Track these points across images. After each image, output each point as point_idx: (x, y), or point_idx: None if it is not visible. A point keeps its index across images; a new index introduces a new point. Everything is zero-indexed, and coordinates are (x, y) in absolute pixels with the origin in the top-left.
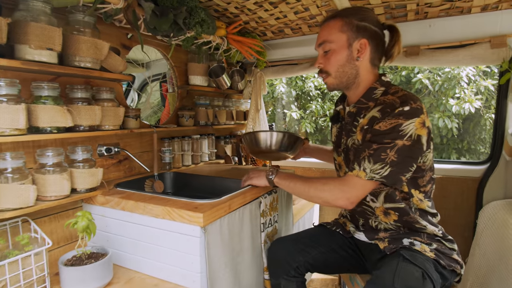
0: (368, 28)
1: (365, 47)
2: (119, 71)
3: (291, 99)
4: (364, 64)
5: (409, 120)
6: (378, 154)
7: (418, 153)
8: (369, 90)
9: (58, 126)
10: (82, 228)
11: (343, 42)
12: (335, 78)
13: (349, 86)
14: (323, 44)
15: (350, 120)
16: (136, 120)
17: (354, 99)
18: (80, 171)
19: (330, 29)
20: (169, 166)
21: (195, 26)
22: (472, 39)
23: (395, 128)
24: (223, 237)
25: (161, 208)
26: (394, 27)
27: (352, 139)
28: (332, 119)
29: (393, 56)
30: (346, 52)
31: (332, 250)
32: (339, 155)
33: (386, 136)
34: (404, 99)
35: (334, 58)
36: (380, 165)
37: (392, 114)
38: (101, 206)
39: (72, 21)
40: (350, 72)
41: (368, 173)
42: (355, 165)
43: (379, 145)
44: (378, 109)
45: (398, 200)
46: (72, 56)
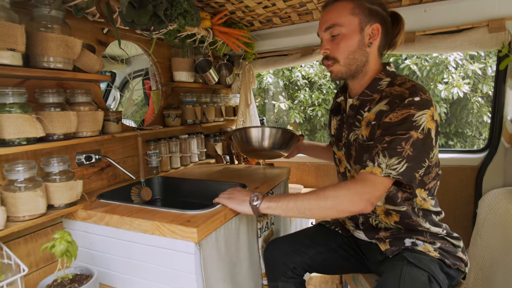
0: (379, 12)
1: (378, 32)
2: (95, 71)
3: (279, 89)
4: (373, 52)
5: (420, 111)
6: (394, 147)
7: (429, 148)
8: (374, 81)
9: (27, 137)
10: (60, 252)
11: (355, 25)
12: (344, 66)
13: (355, 75)
14: (331, 28)
15: (352, 113)
16: (117, 123)
17: (358, 90)
18: (57, 185)
19: (339, 11)
20: (157, 170)
21: (177, 18)
22: (470, 23)
23: (407, 119)
24: (219, 250)
25: (149, 223)
26: (397, 14)
27: (354, 134)
28: (333, 111)
29: (396, 45)
30: (358, 37)
31: (331, 249)
32: (340, 150)
33: (399, 127)
34: (414, 90)
35: (345, 44)
36: (397, 160)
37: (402, 105)
38: (83, 221)
39: (38, 17)
40: (360, 60)
41: (384, 169)
42: (367, 162)
43: (392, 136)
44: (385, 102)
45: (399, 203)
46: (40, 56)
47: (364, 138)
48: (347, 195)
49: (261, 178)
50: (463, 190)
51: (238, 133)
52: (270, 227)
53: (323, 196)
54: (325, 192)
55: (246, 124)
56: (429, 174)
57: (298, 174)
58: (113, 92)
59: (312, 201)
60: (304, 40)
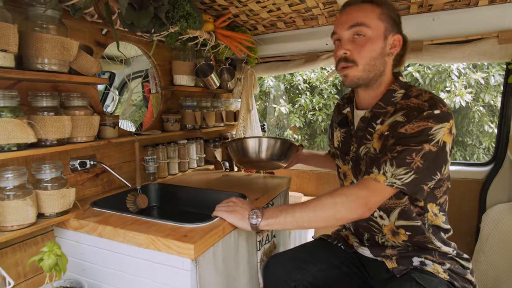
0: (400, 24)
1: (399, 44)
2: (92, 74)
3: (280, 93)
4: (390, 62)
5: (439, 124)
6: (403, 157)
7: (442, 161)
8: (388, 93)
9: (18, 142)
10: (48, 267)
11: (381, 31)
12: (363, 71)
13: (370, 84)
14: (357, 27)
15: (363, 125)
16: (114, 128)
17: (369, 101)
18: (48, 193)
19: (366, 13)
20: (154, 177)
21: (179, 20)
22: (479, 34)
23: (423, 132)
24: (217, 266)
25: (144, 237)
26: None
27: (365, 147)
28: (340, 123)
29: (402, 64)
30: (381, 43)
31: (334, 266)
32: (345, 164)
33: (413, 139)
34: (433, 102)
35: (370, 47)
36: (404, 170)
37: (420, 117)
38: (75, 231)
39: (33, 16)
40: (378, 68)
41: (389, 178)
42: (373, 169)
43: (404, 147)
44: (402, 113)
45: (414, 217)
46: (34, 58)
47: (377, 151)
48: (345, 202)
49: (261, 187)
50: (467, 204)
51: (234, 144)
52: (272, 240)
53: (321, 205)
54: (322, 200)
55: (247, 129)
56: (440, 188)
57: (298, 182)
58: (111, 93)
59: (309, 212)
60: (308, 46)
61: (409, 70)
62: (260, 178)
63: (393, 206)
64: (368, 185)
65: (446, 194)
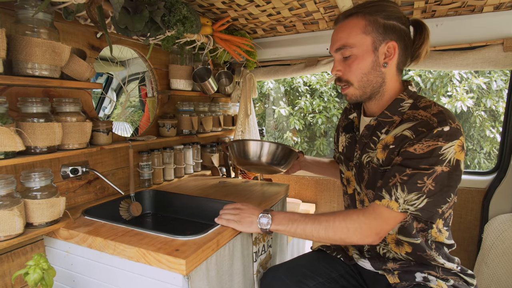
0: (396, 27)
1: (394, 51)
2: (85, 78)
3: (280, 95)
4: (390, 70)
5: (449, 142)
6: (414, 182)
7: (456, 181)
8: (395, 102)
9: (5, 150)
10: (34, 281)
11: (367, 46)
12: (358, 89)
13: (372, 97)
14: (342, 49)
15: (367, 133)
16: (107, 134)
17: (376, 110)
18: (37, 202)
19: (350, 30)
20: (149, 183)
21: (175, 24)
22: (483, 40)
23: (433, 152)
24: (210, 281)
25: (134, 250)
26: (421, 23)
27: (368, 156)
28: (345, 128)
29: (420, 57)
30: (371, 57)
31: (332, 279)
32: (349, 170)
33: (423, 160)
34: (442, 117)
35: (357, 66)
36: (416, 195)
37: (429, 135)
38: (65, 241)
39: (23, 19)
40: (375, 81)
41: (402, 204)
42: (383, 193)
43: (415, 170)
44: (409, 126)
45: (414, 234)
46: (24, 63)
47: (380, 162)
48: (358, 229)
49: (258, 195)
50: (468, 213)
51: (236, 145)
52: (268, 250)
53: (333, 227)
54: (335, 222)
55: (245, 134)
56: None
57: (296, 188)
58: (109, 93)
59: (321, 231)
60: (308, 50)
61: (410, 74)
62: (258, 186)
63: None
64: (381, 213)
65: (452, 208)
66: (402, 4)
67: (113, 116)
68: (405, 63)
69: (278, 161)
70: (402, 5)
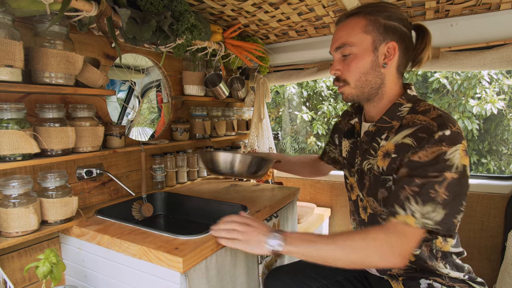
0: (397, 28)
1: (394, 52)
2: (98, 86)
3: (303, 99)
4: (390, 72)
5: (452, 147)
6: (426, 192)
7: (466, 188)
8: (393, 107)
9: (22, 152)
10: (42, 274)
11: (367, 45)
12: (355, 88)
13: (370, 98)
14: (342, 48)
15: (367, 139)
16: (120, 138)
17: (374, 114)
18: (51, 201)
19: (351, 29)
20: (161, 185)
21: (184, 33)
22: (502, 39)
23: (439, 158)
24: (210, 280)
25: (137, 248)
26: (423, 27)
27: (368, 163)
28: (347, 133)
29: (422, 62)
30: (370, 57)
31: (337, 283)
32: (352, 176)
33: (430, 167)
34: (442, 121)
35: (356, 65)
36: (431, 206)
37: (432, 141)
38: (78, 238)
39: (41, 32)
40: (374, 82)
41: (419, 219)
42: (397, 208)
43: (424, 179)
44: (408, 133)
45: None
46: (41, 72)
47: (380, 170)
48: (378, 247)
49: (267, 198)
50: (491, 220)
51: (204, 156)
52: None
53: (350, 247)
54: (353, 241)
55: (259, 138)
56: None
57: (312, 192)
58: (132, 100)
59: (338, 252)
60: (320, 54)
61: (436, 76)
62: (268, 189)
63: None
64: (400, 230)
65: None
66: (413, 5)
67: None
68: (406, 66)
69: (251, 172)
70: (413, 6)
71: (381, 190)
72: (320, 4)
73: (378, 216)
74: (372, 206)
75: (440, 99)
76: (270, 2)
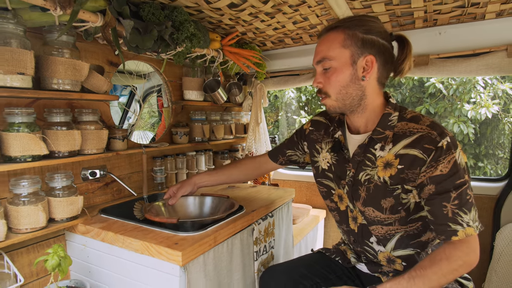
0: (375, 41)
1: (372, 65)
2: (103, 91)
3: (301, 104)
4: (370, 84)
5: (457, 150)
6: (465, 201)
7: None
8: (384, 118)
9: (32, 154)
10: (52, 267)
11: (345, 59)
12: (337, 101)
13: (353, 109)
14: (322, 62)
15: (360, 151)
16: (123, 141)
17: (360, 124)
18: (58, 200)
19: (330, 43)
20: (162, 186)
21: (183, 41)
22: (487, 47)
23: (456, 165)
24: (207, 273)
25: (139, 243)
26: (404, 38)
27: (366, 174)
28: (333, 148)
29: (403, 72)
30: (349, 70)
31: (329, 280)
32: (341, 188)
33: (455, 176)
34: (439, 129)
35: (335, 78)
36: (474, 209)
37: (442, 151)
38: (83, 235)
39: (50, 41)
40: (354, 94)
41: (474, 225)
42: (454, 227)
43: (457, 190)
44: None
45: (412, 244)
46: (49, 79)
47: (383, 180)
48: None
49: (264, 198)
50: (480, 220)
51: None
52: (270, 250)
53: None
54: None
55: (256, 142)
56: None
57: (307, 194)
58: (133, 104)
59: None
60: None
61: (432, 81)
62: (264, 190)
63: (393, 233)
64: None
65: None
66: (402, 14)
67: (137, 126)
68: (387, 77)
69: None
70: (402, 15)
71: (388, 199)
72: (314, 13)
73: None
74: (370, 215)
75: (436, 103)
76: (266, 11)
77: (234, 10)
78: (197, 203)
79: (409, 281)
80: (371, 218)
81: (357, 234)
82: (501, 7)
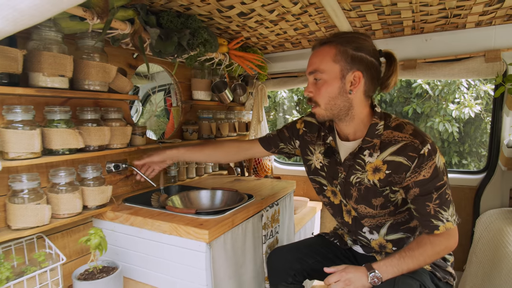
0: (363, 59)
1: (359, 80)
2: (126, 91)
3: (293, 104)
4: (357, 97)
5: (436, 154)
6: (444, 199)
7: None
8: (371, 127)
9: (70, 147)
10: (94, 245)
11: (335, 73)
12: (325, 110)
13: (341, 118)
14: (314, 73)
15: (350, 157)
16: (142, 137)
17: (349, 132)
18: (91, 189)
19: (322, 57)
20: (174, 180)
21: (198, 46)
22: (467, 53)
23: (436, 169)
24: (227, 251)
25: (168, 225)
26: (391, 55)
27: (357, 177)
28: (326, 153)
29: (389, 87)
30: (338, 84)
31: (329, 259)
32: (333, 186)
33: (436, 179)
34: (420, 137)
35: (325, 90)
36: (452, 205)
37: (424, 158)
38: (111, 221)
39: (82, 46)
40: (342, 105)
41: (452, 219)
42: (435, 223)
43: (438, 191)
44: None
45: (402, 229)
46: (82, 80)
47: (372, 183)
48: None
49: (270, 189)
50: (462, 209)
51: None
52: (275, 235)
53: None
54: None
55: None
56: None
57: (305, 188)
58: (136, 104)
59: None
60: None
61: (419, 82)
62: (268, 182)
63: (383, 221)
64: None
65: None
66: (393, 22)
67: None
68: (374, 91)
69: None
70: (393, 24)
71: (378, 198)
72: (313, 21)
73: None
74: (363, 211)
75: (422, 103)
76: (270, 19)
77: (242, 18)
78: (209, 196)
79: (400, 259)
80: (363, 213)
81: (351, 225)
82: (479, 18)
